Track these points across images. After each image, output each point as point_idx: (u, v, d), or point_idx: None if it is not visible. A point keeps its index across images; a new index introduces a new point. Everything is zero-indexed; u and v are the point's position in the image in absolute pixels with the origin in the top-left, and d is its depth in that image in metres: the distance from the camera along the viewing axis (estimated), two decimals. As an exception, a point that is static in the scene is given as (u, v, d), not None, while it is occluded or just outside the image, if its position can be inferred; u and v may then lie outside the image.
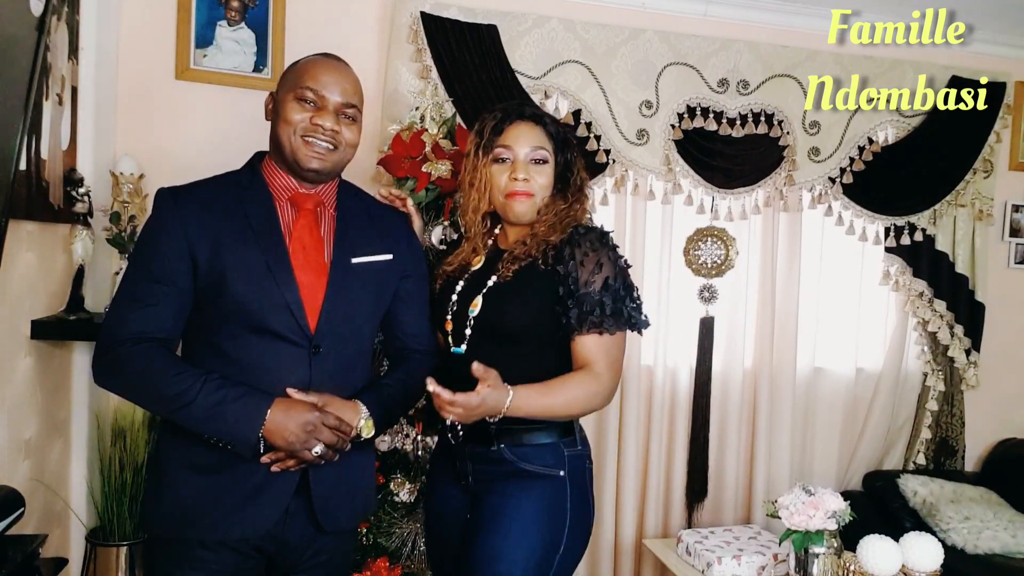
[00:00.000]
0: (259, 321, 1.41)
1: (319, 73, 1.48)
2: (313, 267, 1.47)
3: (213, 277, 1.40)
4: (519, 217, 1.65)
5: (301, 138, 1.46)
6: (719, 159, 2.80)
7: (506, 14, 2.58)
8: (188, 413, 1.36)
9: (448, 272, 1.70)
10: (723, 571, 2.37)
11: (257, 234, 1.44)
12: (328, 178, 1.54)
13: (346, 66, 1.55)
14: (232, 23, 2.44)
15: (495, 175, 1.65)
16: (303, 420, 1.38)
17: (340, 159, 1.51)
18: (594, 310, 1.54)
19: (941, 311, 3.02)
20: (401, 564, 2.19)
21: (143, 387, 1.40)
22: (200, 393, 1.35)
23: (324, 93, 1.47)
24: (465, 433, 1.60)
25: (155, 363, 1.38)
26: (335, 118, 1.48)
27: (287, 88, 1.49)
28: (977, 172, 3.02)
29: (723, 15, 2.82)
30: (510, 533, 1.54)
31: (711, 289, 2.86)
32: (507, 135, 1.64)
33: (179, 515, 1.41)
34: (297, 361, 1.44)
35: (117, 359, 1.38)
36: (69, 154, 2.04)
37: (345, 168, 1.56)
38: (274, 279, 1.42)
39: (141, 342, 1.38)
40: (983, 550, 2.63)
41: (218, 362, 1.42)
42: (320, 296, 1.46)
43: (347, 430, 1.45)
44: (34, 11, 1.63)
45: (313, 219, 1.51)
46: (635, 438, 2.81)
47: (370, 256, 1.55)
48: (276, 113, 1.49)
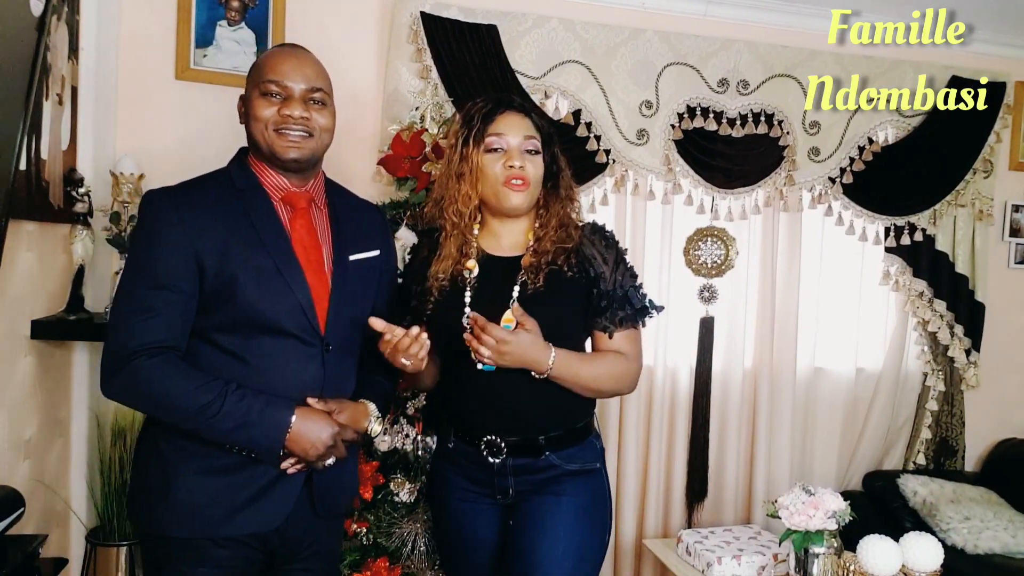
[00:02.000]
0: (273, 323, 1.42)
1: (278, 64, 1.47)
2: (314, 267, 1.48)
3: (222, 282, 1.40)
4: (515, 207, 1.60)
5: (274, 132, 1.45)
6: (719, 159, 2.80)
7: (506, 14, 2.58)
8: (213, 424, 1.36)
9: (442, 282, 1.63)
10: (723, 571, 2.37)
11: (264, 238, 1.44)
12: (310, 167, 1.53)
13: (305, 52, 1.54)
14: (232, 23, 2.44)
15: (488, 164, 1.60)
16: (324, 436, 1.41)
17: (317, 145, 1.50)
18: (624, 307, 1.60)
19: (941, 311, 3.02)
20: (401, 564, 2.18)
21: (164, 401, 1.37)
22: (225, 404, 1.36)
23: (287, 83, 1.46)
24: (508, 449, 1.59)
25: (175, 376, 1.36)
26: (303, 105, 1.46)
27: (252, 86, 1.49)
28: (977, 172, 3.02)
29: (723, 15, 2.82)
30: (574, 530, 1.58)
31: (711, 289, 2.86)
32: (499, 124, 1.61)
33: (193, 515, 1.41)
34: (311, 360, 1.46)
35: (134, 374, 1.36)
36: (69, 154, 2.04)
37: (324, 154, 1.55)
38: (286, 282, 1.43)
39: (155, 354, 1.36)
40: (983, 550, 2.63)
41: (229, 363, 1.41)
42: (326, 295, 1.48)
43: (360, 441, 1.51)
44: (34, 11, 1.63)
45: (308, 218, 1.52)
46: (635, 438, 2.81)
47: (363, 253, 1.57)
48: (247, 114, 1.49)
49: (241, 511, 1.42)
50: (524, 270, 1.60)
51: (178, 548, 1.43)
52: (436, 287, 1.63)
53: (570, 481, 1.62)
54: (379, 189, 2.50)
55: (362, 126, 2.55)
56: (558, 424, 1.60)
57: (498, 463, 1.60)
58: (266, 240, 1.44)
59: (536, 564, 1.54)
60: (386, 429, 2.16)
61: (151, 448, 1.47)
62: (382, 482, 2.16)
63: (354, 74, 2.56)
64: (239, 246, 1.42)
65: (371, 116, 2.56)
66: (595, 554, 1.63)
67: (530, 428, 1.59)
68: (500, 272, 1.62)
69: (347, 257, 1.53)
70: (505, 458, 1.59)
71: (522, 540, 1.58)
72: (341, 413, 1.46)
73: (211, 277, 1.39)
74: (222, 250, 1.40)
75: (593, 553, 1.62)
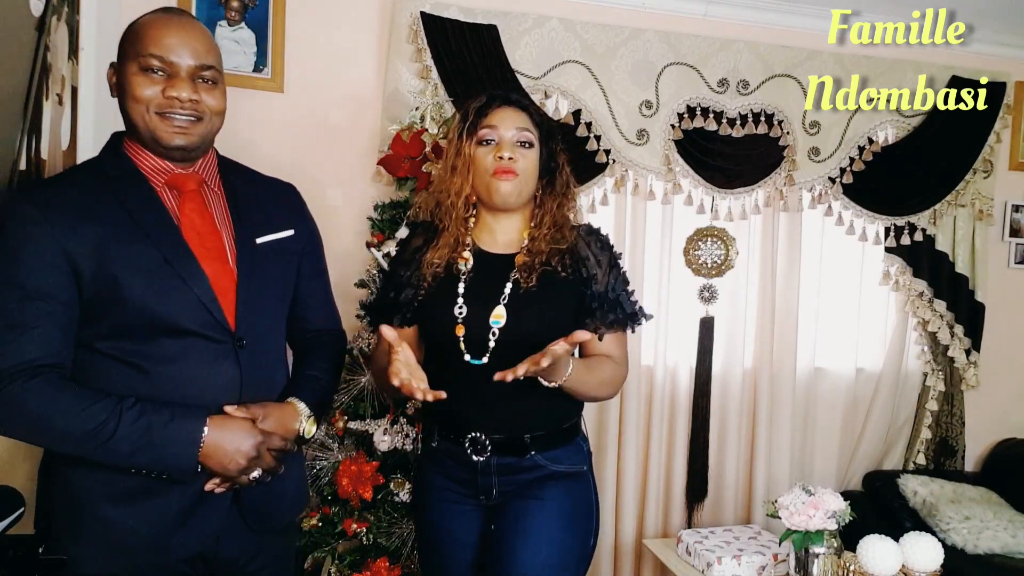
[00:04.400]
0: (168, 322, 1.26)
1: (162, 36, 1.26)
2: (214, 255, 1.32)
3: (102, 285, 1.23)
4: (504, 199, 1.58)
5: (156, 115, 1.27)
6: (719, 159, 2.80)
7: (506, 14, 2.58)
8: (109, 449, 1.19)
9: (437, 270, 1.61)
10: (723, 571, 2.37)
11: (145, 228, 1.26)
12: (200, 153, 1.36)
13: (192, 20, 1.35)
14: (232, 23, 2.45)
15: (480, 157, 1.59)
16: (245, 447, 1.26)
17: (207, 130, 1.33)
18: (615, 310, 1.60)
19: (941, 311, 3.02)
20: (401, 564, 2.19)
21: (47, 429, 1.21)
22: (120, 424, 1.19)
23: (172, 59, 1.26)
24: (493, 447, 1.57)
25: (57, 398, 1.19)
26: (191, 85, 1.28)
27: (128, 58, 1.27)
28: (977, 172, 3.02)
29: (723, 15, 2.82)
30: (556, 535, 1.56)
31: (711, 289, 2.86)
32: (492, 116, 1.60)
33: (110, 550, 1.26)
34: (221, 359, 1.30)
35: (10, 401, 1.18)
36: (69, 154, 2.04)
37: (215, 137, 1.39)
38: (177, 274, 1.26)
39: (33, 375, 1.19)
40: (983, 550, 2.63)
41: (125, 374, 1.25)
42: (231, 285, 1.32)
43: (290, 447, 1.36)
44: (34, 11, 1.63)
45: (200, 201, 1.34)
46: (635, 438, 2.81)
47: (272, 234, 1.41)
48: (121, 88, 1.29)
49: (166, 537, 1.28)
50: (517, 269, 1.59)
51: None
52: (431, 273, 1.61)
53: (555, 484, 1.59)
54: (379, 189, 2.50)
55: (362, 126, 2.55)
56: (545, 423, 1.59)
57: (482, 461, 1.58)
58: (149, 230, 1.26)
59: (516, 569, 1.52)
60: (386, 429, 2.16)
61: (55, 477, 1.30)
62: (382, 482, 2.16)
63: (354, 74, 2.56)
64: (117, 241, 1.24)
65: (371, 116, 2.56)
66: (577, 561, 1.60)
67: (516, 426, 1.57)
68: (493, 269, 1.61)
69: (253, 240, 1.37)
70: (489, 456, 1.57)
71: (503, 544, 1.56)
72: (266, 419, 1.31)
73: (89, 281, 1.22)
74: (98, 248, 1.22)
75: (575, 559, 1.60)
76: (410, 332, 1.66)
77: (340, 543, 2.22)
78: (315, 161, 2.47)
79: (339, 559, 2.21)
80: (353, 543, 2.21)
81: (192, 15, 1.38)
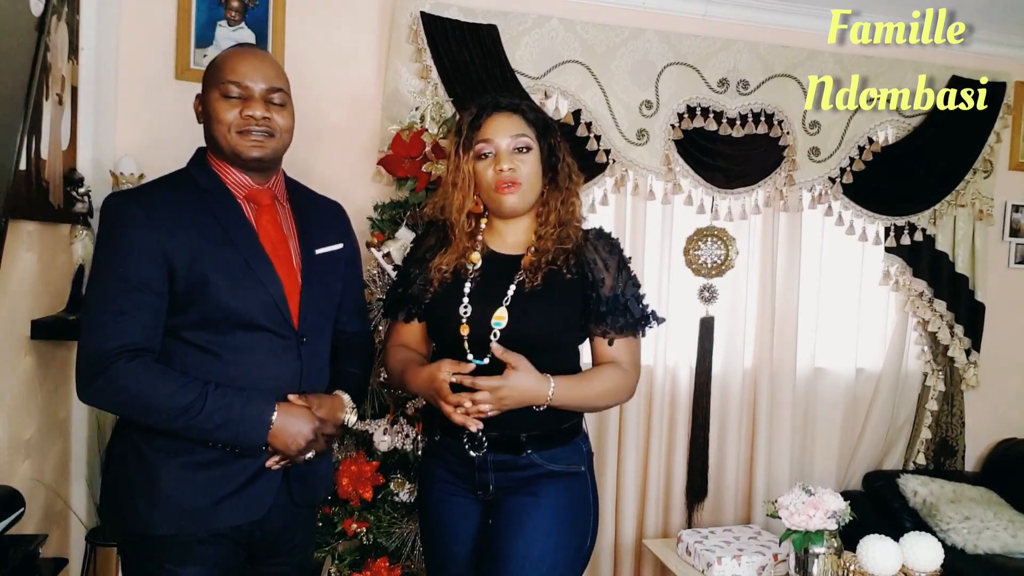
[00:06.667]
0: (246, 318, 1.44)
1: (237, 65, 1.48)
2: (283, 261, 1.51)
3: (193, 282, 1.41)
4: (512, 210, 1.62)
5: (237, 134, 1.47)
6: (719, 159, 2.80)
7: (506, 14, 2.58)
8: (196, 424, 1.38)
9: (444, 274, 1.64)
10: (723, 571, 2.37)
11: (232, 235, 1.46)
12: (272, 165, 1.55)
13: (263, 52, 1.57)
14: (232, 23, 2.44)
15: (480, 172, 1.61)
16: (306, 431, 1.45)
17: (279, 145, 1.52)
18: (625, 314, 1.61)
19: (941, 311, 3.02)
20: (401, 564, 2.19)
21: (146, 404, 1.38)
22: (207, 404, 1.38)
23: (247, 83, 1.47)
24: (490, 444, 1.58)
25: (155, 379, 1.38)
26: (264, 105, 1.48)
27: (211, 87, 1.49)
28: (977, 172, 3.02)
29: (723, 15, 2.82)
30: (550, 533, 1.57)
31: (711, 289, 2.86)
32: (485, 129, 1.61)
33: (180, 511, 1.42)
34: (287, 353, 1.49)
35: (113, 379, 1.37)
36: (69, 154, 2.04)
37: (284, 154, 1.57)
38: (257, 276, 1.45)
39: (134, 357, 1.37)
40: (983, 550, 2.63)
41: (203, 360, 1.43)
42: (296, 289, 1.51)
43: (337, 433, 1.56)
44: (34, 11, 1.63)
45: (273, 214, 1.54)
46: (635, 438, 2.81)
47: (328, 247, 1.60)
48: (207, 115, 1.50)
49: (226, 504, 1.44)
50: (523, 269, 1.60)
51: (163, 547, 1.43)
52: (438, 279, 1.64)
53: (551, 483, 1.60)
54: (379, 189, 2.50)
55: (362, 126, 2.55)
56: (542, 424, 1.59)
57: (479, 457, 1.59)
58: (234, 237, 1.46)
59: (510, 564, 1.54)
60: (386, 429, 2.17)
61: (130, 447, 1.46)
62: (382, 482, 2.16)
63: (354, 74, 2.56)
64: (208, 245, 1.43)
65: (371, 116, 2.56)
66: (572, 558, 1.60)
67: (512, 424, 1.57)
68: (500, 269, 1.63)
69: (313, 251, 1.56)
70: (486, 453, 1.58)
71: (498, 539, 1.58)
72: (320, 408, 1.49)
73: (182, 277, 1.40)
74: (192, 250, 1.41)
75: (570, 558, 1.60)
76: (419, 328, 1.72)
77: (340, 543, 2.23)
78: (315, 161, 2.47)
79: (339, 559, 2.21)
80: (353, 543, 2.22)
81: (263, 49, 1.58)
